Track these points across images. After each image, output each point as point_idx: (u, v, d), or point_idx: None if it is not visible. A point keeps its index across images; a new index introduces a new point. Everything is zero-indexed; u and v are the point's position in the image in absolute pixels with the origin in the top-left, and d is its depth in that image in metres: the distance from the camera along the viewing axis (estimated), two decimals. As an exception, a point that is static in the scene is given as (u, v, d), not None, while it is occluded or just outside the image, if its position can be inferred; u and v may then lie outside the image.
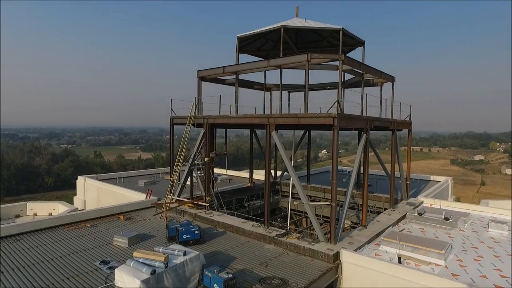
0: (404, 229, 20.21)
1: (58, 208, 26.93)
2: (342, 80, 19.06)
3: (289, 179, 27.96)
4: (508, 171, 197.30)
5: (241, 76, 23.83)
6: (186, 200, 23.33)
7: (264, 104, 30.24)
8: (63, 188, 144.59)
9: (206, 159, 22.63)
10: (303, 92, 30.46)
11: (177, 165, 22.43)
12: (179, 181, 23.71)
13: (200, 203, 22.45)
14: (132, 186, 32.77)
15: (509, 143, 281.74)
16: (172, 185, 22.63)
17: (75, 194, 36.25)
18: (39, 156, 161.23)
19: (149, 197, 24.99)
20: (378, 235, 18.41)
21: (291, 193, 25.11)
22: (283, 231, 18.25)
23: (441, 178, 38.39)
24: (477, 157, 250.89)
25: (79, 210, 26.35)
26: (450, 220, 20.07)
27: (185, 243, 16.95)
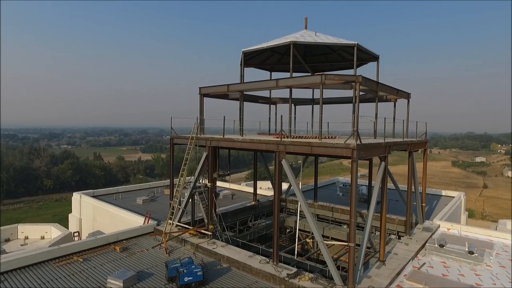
0: (424, 263, 18.55)
1: (50, 231, 25.29)
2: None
3: (295, 194, 26.26)
4: (510, 174, 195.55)
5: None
6: (187, 227, 21.68)
7: (269, 119, 28.57)
8: (63, 190, 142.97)
9: (208, 184, 20.98)
10: (311, 106, 29.23)
11: (177, 190, 20.81)
12: (180, 206, 22.07)
13: (202, 231, 20.80)
14: (129, 203, 31.13)
15: (510, 145, 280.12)
16: (173, 212, 21.02)
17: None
18: (39, 158, 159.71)
19: (148, 222, 23.35)
20: (398, 273, 16.76)
21: (299, 211, 23.55)
22: (294, 269, 16.61)
23: (454, 193, 36.85)
24: (478, 159, 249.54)
25: (72, 235, 24.78)
26: (476, 254, 18.40)
27: (186, 285, 15.35)
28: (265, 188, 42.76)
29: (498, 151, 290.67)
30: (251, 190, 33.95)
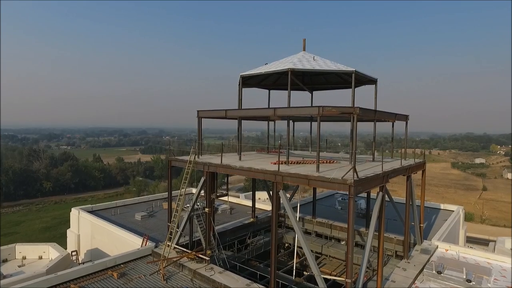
0: (422, 291, 18.58)
1: (48, 251, 25.25)
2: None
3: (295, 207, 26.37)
4: (510, 176, 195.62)
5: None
6: (185, 250, 21.66)
7: (268, 137, 28.58)
8: (62, 192, 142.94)
9: (206, 209, 20.94)
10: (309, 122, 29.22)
11: (175, 215, 20.79)
12: (178, 229, 22.03)
13: (200, 256, 20.77)
14: (128, 219, 31.17)
15: (510, 146, 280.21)
16: (170, 237, 21.00)
17: (73, 200, 34.53)
18: (38, 160, 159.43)
19: (146, 244, 23.33)
20: (395, 304, 16.77)
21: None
22: (291, 300, 16.62)
23: (453, 207, 36.91)
24: (478, 160, 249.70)
25: (70, 255, 24.70)
26: (473, 283, 18.41)
27: (183, 319, 15.35)
28: (263, 200, 42.79)
29: (498, 152, 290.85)
30: (249, 203, 33.99)
